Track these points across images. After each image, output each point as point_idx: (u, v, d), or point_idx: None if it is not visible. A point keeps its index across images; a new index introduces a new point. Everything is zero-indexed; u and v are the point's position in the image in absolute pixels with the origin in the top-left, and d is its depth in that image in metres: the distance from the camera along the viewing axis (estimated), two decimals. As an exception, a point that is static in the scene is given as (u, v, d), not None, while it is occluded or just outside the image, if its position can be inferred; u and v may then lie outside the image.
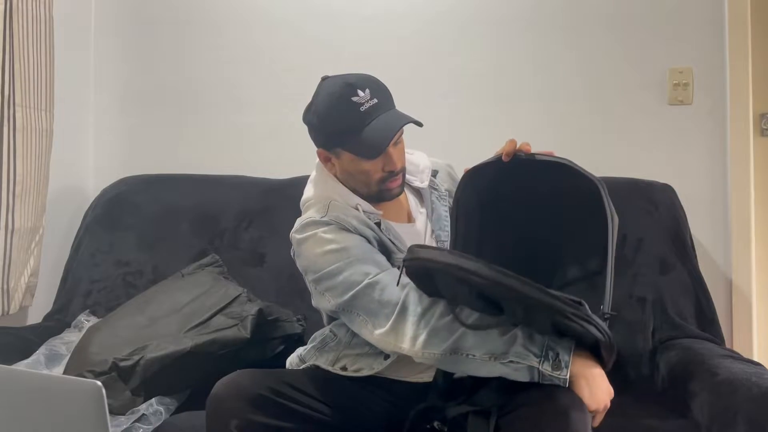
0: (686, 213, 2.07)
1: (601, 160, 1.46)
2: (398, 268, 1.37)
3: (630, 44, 2.28)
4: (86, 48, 2.52)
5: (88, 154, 2.53)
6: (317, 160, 1.61)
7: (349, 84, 1.44)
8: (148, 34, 2.53)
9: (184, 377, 1.73)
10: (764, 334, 2.21)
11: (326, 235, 1.44)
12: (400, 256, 1.48)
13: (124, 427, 1.57)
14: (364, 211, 1.50)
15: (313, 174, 1.61)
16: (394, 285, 1.36)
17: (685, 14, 2.25)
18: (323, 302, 1.48)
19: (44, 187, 2.17)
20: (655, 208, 2.03)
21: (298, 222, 1.52)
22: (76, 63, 2.46)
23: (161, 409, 1.65)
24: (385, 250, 1.49)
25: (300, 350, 1.64)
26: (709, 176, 2.24)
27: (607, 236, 1.41)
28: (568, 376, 1.24)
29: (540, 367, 1.24)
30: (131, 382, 1.66)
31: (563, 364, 1.24)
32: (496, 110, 2.33)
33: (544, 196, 1.51)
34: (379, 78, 1.51)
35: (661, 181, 2.11)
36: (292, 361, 1.63)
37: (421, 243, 1.57)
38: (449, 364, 1.32)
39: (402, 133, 1.50)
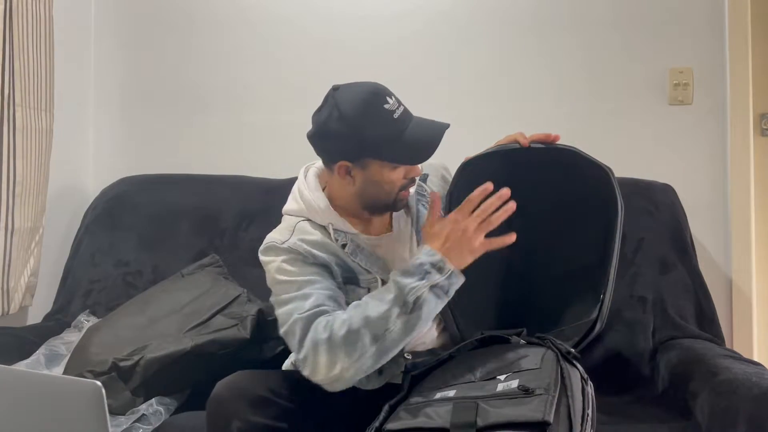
0: (686, 213, 2.07)
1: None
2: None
3: (630, 44, 2.28)
4: (86, 48, 2.52)
5: (88, 154, 2.53)
6: (301, 169, 1.59)
7: (377, 92, 1.42)
8: (148, 34, 2.52)
9: (184, 377, 1.73)
10: (764, 334, 2.21)
11: (284, 265, 1.44)
12: (368, 277, 1.48)
13: (124, 427, 1.57)
14: (334, 230, 1.47)
15: (294, 185, 1.58)
16: (313, 323, 1.34)
17: (685, 14, 2.25)
18: None
19: (44, 187, 2.17)
20: (655, 208, 2.03)
21: (264, 242, 1.50)
22: (76, 63, 2.46)
23: (161, 409, 1.65)
24: (350, 272, 1.47)
25: (293, 356, 1.64)
26: (709, 176, 2.24)
27: (608, 225, 1.41)
28: (452, 266, 1.32)
29: (432, 282, 1.31)
30: (131, 382, 1.66)
31: (440, 262, 1.32)
32: (496, 110, 2.33)
33: (542, 188, 1.51)
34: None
35: (661, 181, 2.11)
36: (286, 367, 1.63)
37: (403, 252, 1.55)
38: (383, 353, 1.32)
39: None
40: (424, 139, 1.41)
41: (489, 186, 1.36)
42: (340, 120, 1.40)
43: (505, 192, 1.35)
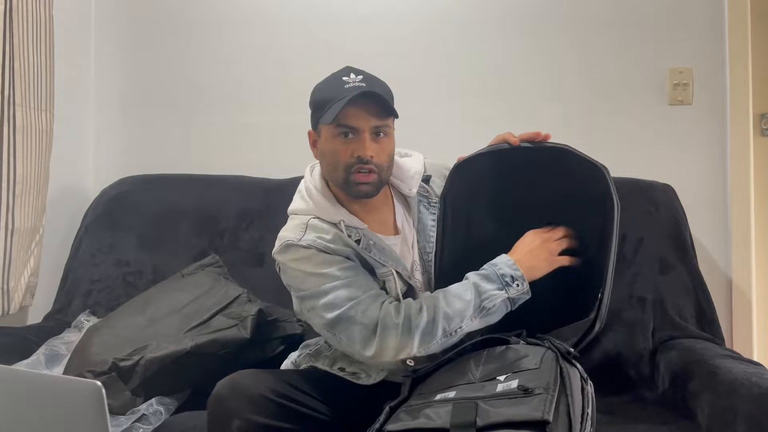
0: (686, 213, 2.07)
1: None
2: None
3: (630, 44, 2.28)
4: (86, 48, 2.52)
5: (88, 154, 2.53)
6: (307, 168, 1.60)
7: (348, 67, 1.49)
8: (148, 34, 2.52)
9: (184, 377, 1.73)
10: (764, 334, 2.21)
11: (310, 260, 1.45)
12: (383, 271, 1.48)
13: (124, 427, 1.57)
14: (346, 226, 1.48)
15: (300, 184, 1.58)
16: (375, 306, 1.39)
17: (685, 14, 2.25)
18: (308, 318, 1.51)
19: (44, 187, 2.17)
20: (655, 208, 2.03)
21: (278, 243, 1.50)
22: (76, 63, 2.46)
23: (161, 409, 1.65)
24: (368, 266, 1.48)
25: (293, 356, 1.65)
26: (709, 176, 2.24)
27: (604, 224, 1.41)
28: (527, 282, 1.38)
29: (510, 296, 1.37)
30: (131, 382, 1.66)
31: (521, 278, 1.38)
32: (496, 110, 2.33)
33: (536, 187, 1.50)
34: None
35: (661, 181, 2.11)
36: (285, 367, 1.63)
37: (409, 256, 1.56)
38: (447, 345, 1.38)
39: (387, 129, 1.47)
40: (342, 98, 1.41)
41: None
42: (311, 94, 1.51)
43: None
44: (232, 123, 2.47)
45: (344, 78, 1.45)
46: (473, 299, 1.37)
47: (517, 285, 1.38)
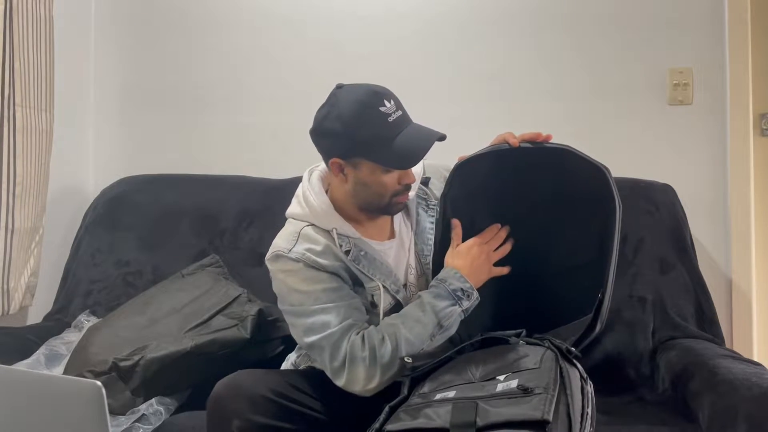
0: (686, 213, 2.07)
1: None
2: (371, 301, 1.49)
3: (630, 44, 2.28)
4: (86, 48, 2.52)
5: (88, 154, 2.53)
6: (305, 171, 1.59)
7: (376, 93, 1.42)
8: (148, 34, 2.53)
9: (184, 377, 1.73)
10: (764, 334, 2.21)
11: (296, 275, 1.46)
12: (371, 285, 1.48)
13: (124, 427, 1.57)
14: (339, 235, 1.47)
15: (298, 188, 1.57)
16: (345, 339, 1.40)
17: (685, 14, 2.25)
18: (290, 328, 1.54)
19: (44, 187, 2.17)
20: (655, 208, 2.03)
21: (271, 250, 1.51)
22: (76, 63, 2.46)
23: (161, 409, 1.65)
24: (355, 279, 1.48)
25: (292, 357, 1.66)
26: (709, 176, 2.24)
27: (606, 225, 1.40)
28: (476, 292, 1.45)
29: (463, 309, 1.43)
30: (131, 382, 1.66)
31: (470, 289, 1.44)
32: (496, 110, 2.33)
33: (537, 188, 1.50)
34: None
35: (661, 181, 2.11)
36: (284, 368, 1.64)
37: (404, 259, 1.56)
38: (410, 369, 1.39)
39: None
40: (412, 146, 1.41)
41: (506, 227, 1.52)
42: (336, 118, 1.41)
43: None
44: (232, 123, 2.47)
45: (381, 109, 1.40)
46: (431, 320, 1.41)
47: (467, 296, 1.44)
